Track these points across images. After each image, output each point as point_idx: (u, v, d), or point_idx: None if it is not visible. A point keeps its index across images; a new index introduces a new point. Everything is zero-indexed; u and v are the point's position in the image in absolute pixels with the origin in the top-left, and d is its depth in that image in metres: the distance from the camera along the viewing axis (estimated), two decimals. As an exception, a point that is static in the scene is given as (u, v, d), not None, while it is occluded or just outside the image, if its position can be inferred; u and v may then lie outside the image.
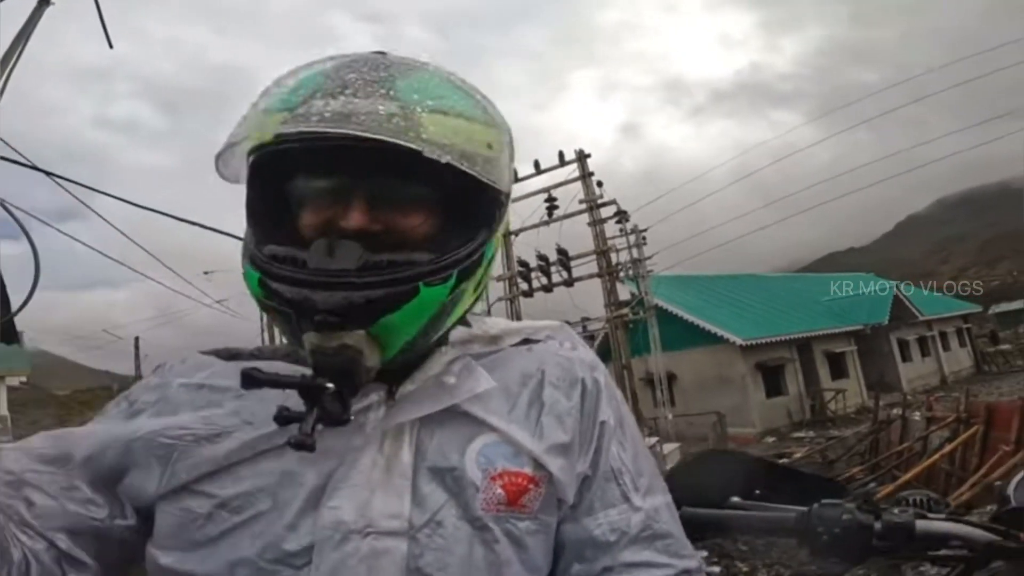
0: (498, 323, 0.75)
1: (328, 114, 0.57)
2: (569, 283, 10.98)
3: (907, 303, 23.46)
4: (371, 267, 0.58)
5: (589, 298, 11.64)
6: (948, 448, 7.68)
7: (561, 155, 11.98)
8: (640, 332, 15.76)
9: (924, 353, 24.30)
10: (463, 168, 0.59)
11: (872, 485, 7.86)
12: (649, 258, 16.51)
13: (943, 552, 0.74)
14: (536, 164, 12.24)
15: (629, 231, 15.27)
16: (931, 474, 7.38)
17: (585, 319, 11.18)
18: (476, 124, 0.62)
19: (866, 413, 14.04)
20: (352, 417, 0.60)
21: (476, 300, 0.68)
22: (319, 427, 0.56)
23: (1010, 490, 0.85)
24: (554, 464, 0.65)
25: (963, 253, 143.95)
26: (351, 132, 0.56)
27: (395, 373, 0.65)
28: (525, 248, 11.66)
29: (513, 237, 11.60)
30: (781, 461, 12.87)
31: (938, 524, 0.73)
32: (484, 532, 0.62)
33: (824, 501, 0.79)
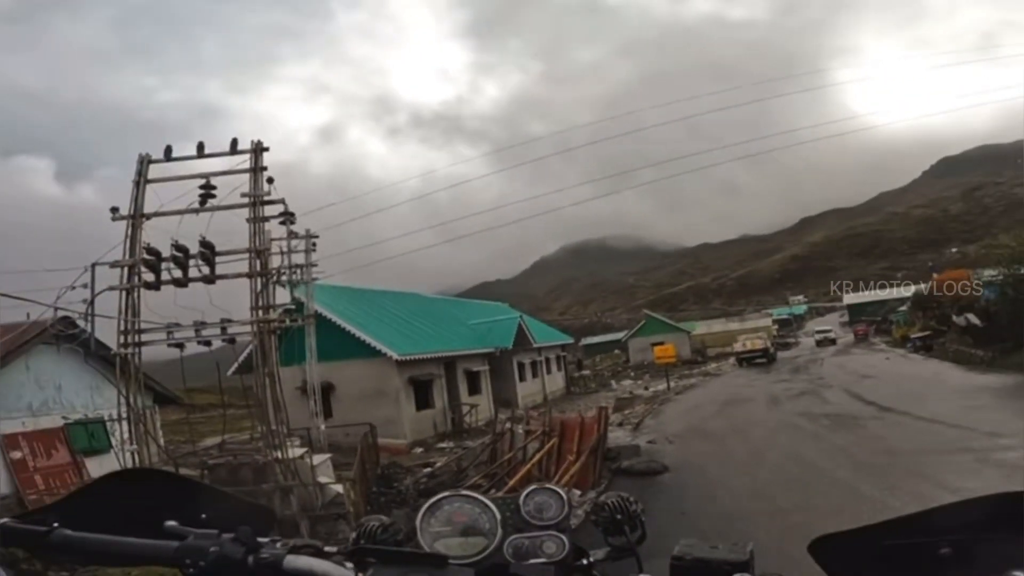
0: None
1: None
2: (210, 280, 9.82)
3: (527, 331, 28.63)
4: None
5: (236, 300, 10.57)
6: (536, 457, 9.80)
7: (234, 142, 10.78)
8: (296, 340, 15.40)
9: (534, 375, 30.16)
10: None
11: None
12: (315, 264, 16.43)
13: None
14: (200, 146, 10.76)
15: (298, 235, 14.89)
16: (529, 480, 9.27)
17: (226, 321, 10.14)
18: None
19: (492, 426, 16.59)
20: None
21: None
22: None
23: (418, 520, 0.90)
24: None
25: (570, 293, 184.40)
26: None
27: None
28: (160, 236, 9.99)
29: (145, 220, 9.93)
30: (425, 470, 14.28)
31: (305, 560, 0.74)
32: None
33: (200, 532, 0.76)
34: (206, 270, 9.61)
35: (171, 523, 0.80)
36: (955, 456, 8.80)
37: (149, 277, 9.55)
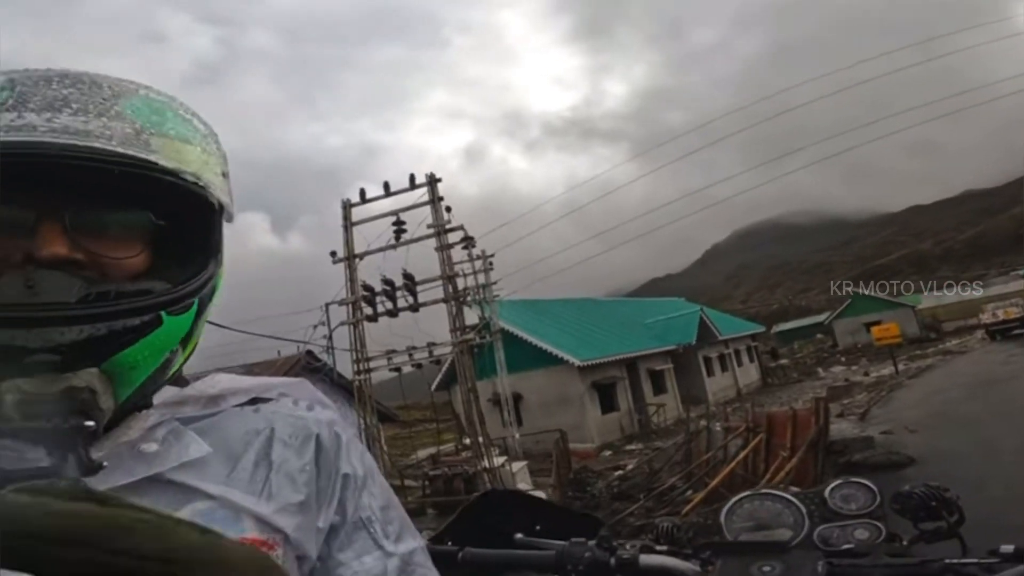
0: (220, 380, 0.68)
1: (59, 126, 0.51)
2: (415, 308, 11.00)
3: (710, 324, 27.03)
4: (96, 299, 0.52)
5: (435, 323, 11.73)
6: (741, 455, 9.19)
7: (412, 178, 11.94)
8: (486, 355, 16.42)
9: (723, 368, 28.31)
10: (198, 190, 0.58)
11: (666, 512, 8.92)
12: (495, 283, 17.44)
13: None
14: (386, 186, 12.09)
15: (476, 257, 15.98)
16: (732, 479, 8.76)
17: (431, 344, 11.26)
18: (197, 148, 0.59)
19: (682, 424, 15.95)
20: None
21: (192, 350, 0.63)
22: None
23: (722, 518, 0.96)
24: (288, 523, 0.62)
25: (750, 279, 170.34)
26: (98, 146, 0.52)
27: None
28: (370, 272, 11.49)
29: (357, 260, 11.43)
30: (617, 473, 14.25)
31: (656, 558, 0.83)
32: None
33: (573, 540, 0.88)
34: (410, 299, 10.83)
35: (519, 535, 0.95)
36: None
37: (368, 311, 11.04)
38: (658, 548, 0.90)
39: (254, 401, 0.68)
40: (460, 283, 12.98)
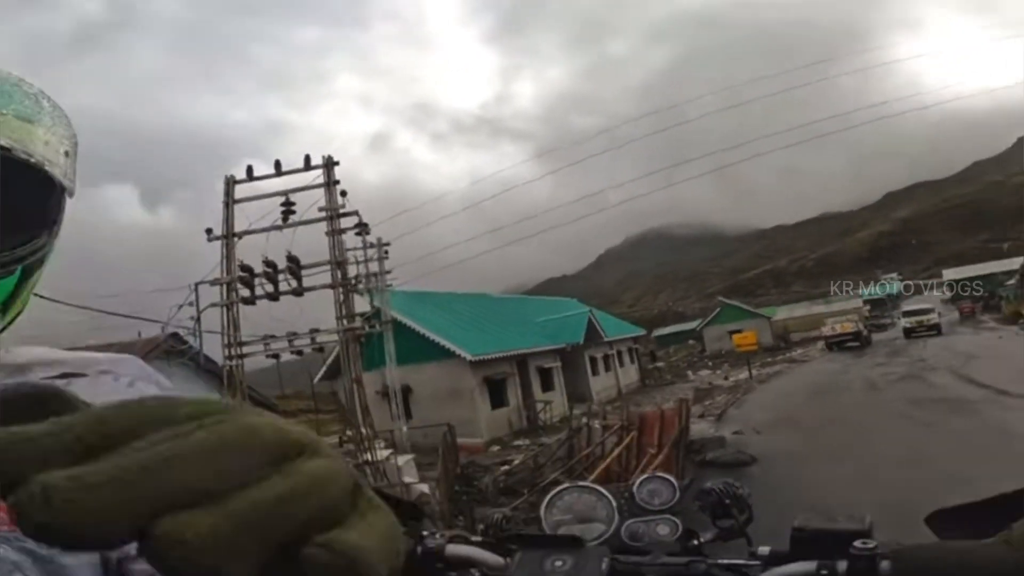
0: (32, 351, 0.66)
1: None
2: (299, 292, 10.49)
3: (597, 326, 28.36)
4: None
5: (321, 310, 11.20)
6: (615, 452, 9.75)
7: (307, 159, 11.40)
8: (376, 345, 16.06)
9: (607, 368, 29.83)
10: (35, 167, 0.59)
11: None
12: (389, 272, 17.07)
13: (472, 573, 0.80)
14: (277, 164, 11.48)
15: (371, 244, 15.53)
16: (607, 475, 9.28)
17: (314, 331, 10.79)
18: (39, 127, 0.61)
19: (567, 421, 16.62)
20: None
21: (14, 318, 0.62)
22: None
23: (542, 511, 0.95)
24: None
25: (638, 284, 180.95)
26: None
27: None
28: (251, 255, 10.77)
29: (236, 239, 10.70)
30: (503, 468, 14.51)
31: (463, 548, 0.80)
32: None
33: None
34: (294, 283, 10.26)
35: None
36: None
37: (245, 293, 10.31)
38: (473, 539, 0.86)
39: (65, 376, 0.64)
40: (352, 270, 12.57)
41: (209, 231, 10.79)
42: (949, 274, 70.44)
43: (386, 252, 16.81)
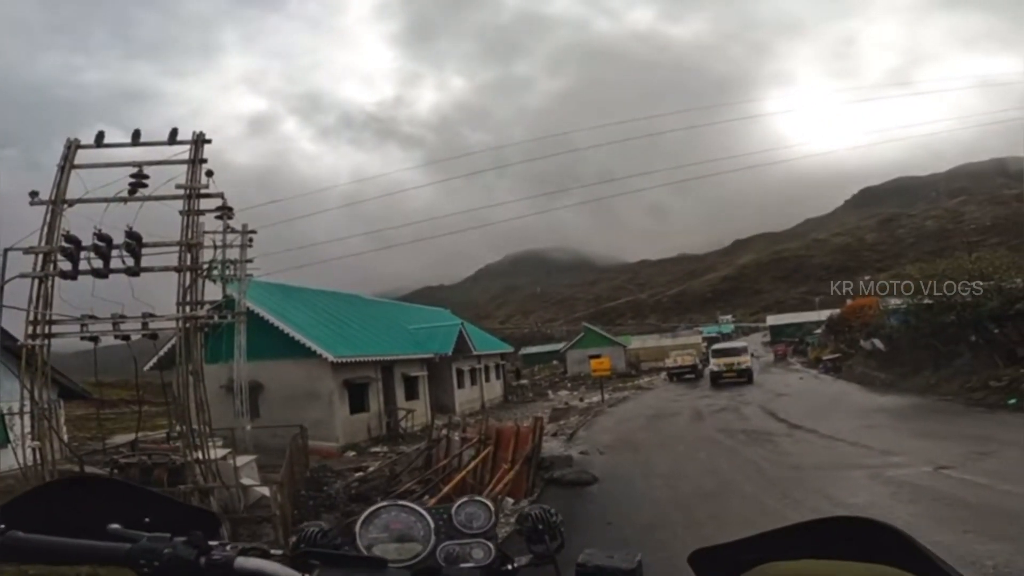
0: None
1: None
2: (134, 272, 9.33)
3: (467, 339, 28.62)
4: None
5: (164, 293, 10.04)
6: (471, 464, 9.79)
7: (173, 132, 10.38)
8: (225, 337, 14.75)
9: (473, 382, 30.14)
10: None
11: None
12: (251, 261, 15.82)
13: None
14: (135, 133, 10.27)
15: (233, 230, 14.32)
16: (462, 486, 9.27)
17: (148, 315, 9.58)
18: None
19: (428, 431, 16.45)
20: None
21: None
22: None
23: (357, 527, 0.94)
24: None
25: (512, 302, 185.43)
26: None
27: None
28: (86, 224, 9.45)
29: (66, 206, 9.32)
30: (357, 474, 13.92)
31: (255, 562, 0.79)
32: None
33: (152, 535, 0.79)
34: (130, 262, 9.06)
35: (115, 526, 0.83)
36: (850, 472, 9.58)
37: (67, 266, 8.90)
38: (273, 552, 0.86)
39: None
40: (208, 255, 11.44)
41: (34, 194, 9.26)
42: (771, 319, 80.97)
43: (251, 240, 15.63)
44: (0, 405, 10.98)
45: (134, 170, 9.63)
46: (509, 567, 0.93)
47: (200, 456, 9.02)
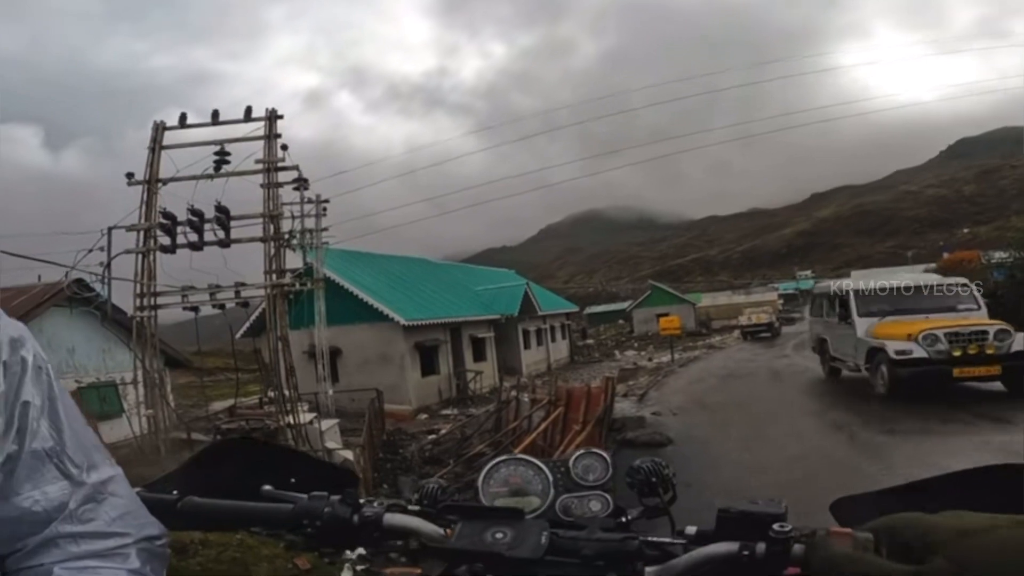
0: None
1: None
2: (225, 244, 10.02)
3: (532, 299, 28.64)
4: None
5: (249, 264, 10.79)
6: (542, 426, 9.93)
7: (248, 110, 10.90)
8: (305, 304, 15.48)
9: (539, 342, 30.29)
10: None
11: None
12: (326, 229, 16.41)
13: (410, 542, 0.84)
14: (215, 113, 10.88)
15: (308, 200, 14.86)
16: (532, 449, 9.45)
17: (240, 284, 10.30)
18: None
19: (496, 393, 16.76)
20: None
21: None
22: None
23: (479, 482, 0.96)
24: None
25: (575, 262, 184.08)
26: None
27: None
28: (175, 202, 10.22)
29: (161, 185, 10.03)
30: (430, 437, 14.50)
31: (401, 518, 0.83)
32: None
33: (313, 494, 0.83)
34: (221, 234, 9.66)
35: (267, 487, 0.89)
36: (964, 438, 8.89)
37: (165, 241, 9.60)
38: (411, 508, 0.89)
39: None
40: (286, 225, 12.01)
41: (130, 175, 9.97)
42: (856, 275, 76.06)
43: (324, 209, 16.18)
44: (113, 376, 12.10)
45: (213, 148, 10.17)
46: (623, 519, 0.94)
47: (291, 421, 9.64)
